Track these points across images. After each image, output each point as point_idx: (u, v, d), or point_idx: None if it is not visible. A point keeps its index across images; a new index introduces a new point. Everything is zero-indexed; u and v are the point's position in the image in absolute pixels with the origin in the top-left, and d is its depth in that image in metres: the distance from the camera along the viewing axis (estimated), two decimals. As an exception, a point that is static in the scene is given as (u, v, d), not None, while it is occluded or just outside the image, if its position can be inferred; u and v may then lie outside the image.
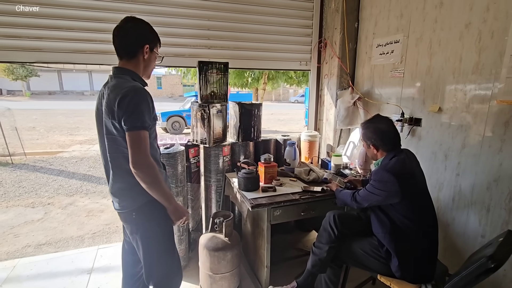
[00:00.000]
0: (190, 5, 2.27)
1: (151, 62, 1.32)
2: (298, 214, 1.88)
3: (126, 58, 1.24)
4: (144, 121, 1.12)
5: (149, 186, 1.16)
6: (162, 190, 1.19)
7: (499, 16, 1.50)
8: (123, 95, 1.10)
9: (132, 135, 1.11)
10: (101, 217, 3.56)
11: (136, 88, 1.14)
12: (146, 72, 1.32)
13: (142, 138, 1.12)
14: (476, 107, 1.64)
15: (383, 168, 1.42)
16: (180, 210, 1.28)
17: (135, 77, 1.24)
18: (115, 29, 1.22)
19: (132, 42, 1.22)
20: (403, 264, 1.39)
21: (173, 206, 1.25)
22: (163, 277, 1.33)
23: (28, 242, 2.93)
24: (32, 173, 5.30)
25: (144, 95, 1.14)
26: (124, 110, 1.10)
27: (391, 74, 2.19)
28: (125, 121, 1.10)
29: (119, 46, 1.23)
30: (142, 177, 1.14)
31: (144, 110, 1.13)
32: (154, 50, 1.30)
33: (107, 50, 2.12)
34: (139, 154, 1.11)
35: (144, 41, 1.24)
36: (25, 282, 2.09)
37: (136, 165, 1.12)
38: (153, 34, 1.29)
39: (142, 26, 1.26)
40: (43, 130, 9.68)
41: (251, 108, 2.32)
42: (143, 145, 1.12)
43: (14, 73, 19.78)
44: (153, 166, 1.15)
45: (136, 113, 1.10)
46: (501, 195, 1.56)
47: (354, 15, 2.48)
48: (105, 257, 2.40)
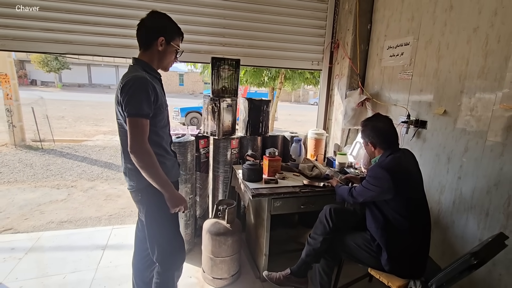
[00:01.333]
0: (208, 4, 2.40)
1: (167, 55, 1.35)
2: (298, 206, 1.96)
3: (143, 49, 1.32)
4: (140, 109, 1.17)
5: (143, 171, 1.21)
6: (155, 176, 1.23)
7: (506, 21, 1.50)
8: (125, 83, 1.18)
9: (130, 121, 1.17)
10: (118, 201, 3.80)
11: (138, 77, 1.19)
12: (161, 64, 1.36)
13: (138, 125, 1.17)
14: (480, 111, 1.64)
15: (378, 165, 1.47)
16: (176, 199, 1.30)
17: (146, 67, 1.29)
18: (139, 22, 1.32)
19: (146, 33, 1.30)
20: (392, 258, 1.44)
21: (169, 194, 1.28)
22: (165, 255, 1.40)
23: (52, 219, 3.20)
24: (59, 158, 5.70)
25: (145, 84, 1.18)
26: (124, 97, 1.17)
27: (400, 76, 2.21)
28: (124, 107, 1.18)
29: (137, 37, 1.32)
30: (136, 161, 1.20)
31: (142, 98, 1.17)
32: (172, 43, 1.34)
33: (129, 45, 2.30)
34: (133, 140, 1.17)
35: (158, 33, 1.29)
36: (47, 252, 2.32)
37: (131, 150, 1.18)
38: (171, 28, 1.33)
39: (159, 19, 1.31)
40: (71, 120, 10.29)
41: (260, 104, 2.42)
42: (139, 131, 1.17)
43: (48, 65, 21.06)
44: (147, 152, 1.19)
45: (134, 101, 1.16)
46: (501, 199, 1.56)
47: (367, 17, 2.51)
48: (119, 236, 2.59)
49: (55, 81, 25.29)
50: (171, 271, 1.44)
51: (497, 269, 1.59)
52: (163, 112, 1.33)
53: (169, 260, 1.43)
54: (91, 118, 10.84)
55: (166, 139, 1.40)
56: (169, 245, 1.42)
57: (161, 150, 1.35)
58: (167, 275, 1.43)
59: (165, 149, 1.38)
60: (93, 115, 11.57)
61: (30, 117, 6.94)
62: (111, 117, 11.20)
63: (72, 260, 2.20)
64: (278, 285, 1.77)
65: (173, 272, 1.45)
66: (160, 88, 1.32)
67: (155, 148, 1.27)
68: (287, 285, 1.75)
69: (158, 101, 1.25)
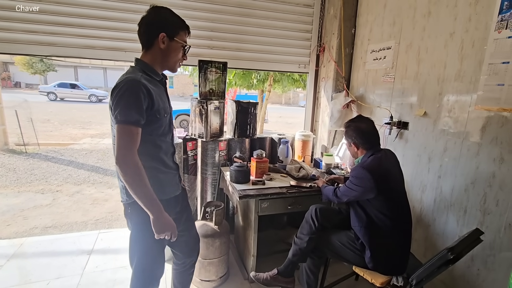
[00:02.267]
0: (195, 7, 2.41)
1: (171, 52, 1.21)
2: (285, 207, 1.98)
3: (144, 49, 1.20)
4: (129, 115, 1.04)
5: (127, 185, 1.07)
6: (140, 194, 1.07)
7: (479, 27, 1.58)
8: (115, 86, 1.07)
9: (117, 128, 1.05)
10: (105, 205, 3.74)
11: (129, 79, 1.07)
12: (166, 63, 1.23)
13: (126, 132, 1.05)
14: (457, 112, 1.72)
15: (361, 165, 1.51)
16: (162, 224, 1.13)
17: (146, 68, 1.18)
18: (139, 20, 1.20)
19: (145, 31, 1.17)
20: (375, 256, 1.48)
21: (154, 217, 1.11)
22: (138, 279, 1.28)
23: (36, 224, 3.12)
24: (44, 162, 5.56)
25: (136, 88, 1.06)
26: (113, 102, 1.06)
27: (383, 79, 2.28)
28: (113, 113, 1.07)
29: (138, 36, 1.19)
30: (120, 174, 1.06)
31: (131, 104, 1.04)
32: (176, 39, 1.20)
33: (115, 47, 2.29)
34: (119, 149, 1.05)
35: (159, 29, 1.16)
36: (30, 258, 2.26)
37: (116, 160, 1.05)
38: (173, 21, 1.20)
39: (158, 14, 1.18)
40: (57, 123, 10.05)
41: (247, 106, 2.44)
42: (126, 140, 1.04)
43: (33, 67, 20.53)
44: (133, 165, 1.05)
45: (121, 107, 1.04)
46: (477, 197, 1.63)
47: (351, 21, 2.58)
48: (105, 240, 2.55)
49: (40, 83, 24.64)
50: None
51: (475, 264, 1.66)
52: (162, 119, 1.18)
53: (140, 276, 1.29)
54: (77, 121, 10.62)
55: (165, 149, 1.25)
56: (144, 273, 1.28)
57: (157, 162, 1.21)
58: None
59: (162, 161, 1.24)
60: (80, 118, 11.33)
61: (14, 120, 6.75)
62: (99, 120, 11.01)
63: (56, 266, 2.16)
64: (265, 285, 1.79)
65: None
66: (160, 92, 1.20)
67: (149, 160, 1.15)
68: (274, 285, 1.77)
69: (154, 107, 1.12)
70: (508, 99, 1.44)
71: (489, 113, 1.54)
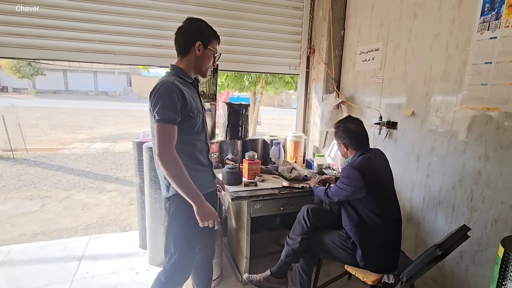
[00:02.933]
0: (185, 10, 2.41)
1: (205, 59, 1.35)
2: (278, 208, 1.99)
3: (180, 56, 1.33)
4: (165, 114, 1.16)
5: (169, 179, 1.19)
6: (182, 186, 1.19)
7: (462, 28, 1.62)
8: (153, 89, 1.21)
9: (156, 126, 1.18)
10: (96, 210, 3.68)
11: (164, 82, 1.20)
12: (199, 69, 1.36)
13: (162, 130, 1.16)
14: (444, 112, 1.76)
15: (350, 165, 1.53)
16: (205, 212, 1.23)
17: (179, 72, 1.30)
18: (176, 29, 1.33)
19: (184, 39, 1.30)
20: (366, 255, 1.49)
21: (196, 206, 1.22)
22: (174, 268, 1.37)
23: (24, 231, 3.05)
24: (32, 168, 5.44)
25: (170, 89, 1.18)
26: (151, 103, 1.20)
27: (372, 80, 2.31)
28: (152, 113, 1.20)
29: (175, 44, 1.33)
30: (162, 168, 1.17)
31: (166, 104, 1.16)
32: (209, 47, 1.34)
33: (104, 50, 2.27)
34: (158, 146, 1.17)
35: (196, 37, 1.29)
36: (18, 266, 2.20)
37: (157, 156, 1.17)
38: (207, 32, 1.34)
39: (195, 24, 1.32)
40: (45, 128, 9.87)
41: (239, 108, 2.45)
42: (163, 137, 1.16)
43: (20, 71, 20.10)
44: (171, 160, 1.16)
45: (159, 107, 1.16)
46: (464, 194, 1.67)
47: (340, 23, 2.62)
48: (96, 246, 2.51)
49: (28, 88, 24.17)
50: (172, 284, 1.40)
51: (464, 260, 1.69)
52: (195, 118, 1.29)
53: (175, 273, 1.39)
54: (67, 126, 10.44)
55: (200, 147, 1.35)
56: (181, 260, 1.36)
57: (192, 160, 1.31)
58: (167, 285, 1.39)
59: (197, 159, 1.34)
60: (69, 123, 11.14)
61: (0, 126, 6.60)
62: (89, 124, 10.85)
63: (45, 273, 2.11)
64: (259, 287, 1.78)
65: (173, 285, 1.41)
66: (192, 93, 1.32)
67: (184, 158, 1.23)
68: (267, 286, 1.77)
69: (187, 106, 1.23)
70: (492, 98, 1.49)
71: (474, 112, 1.59)
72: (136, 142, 2.29)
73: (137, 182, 2.36)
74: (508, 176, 1.45)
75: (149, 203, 2.16)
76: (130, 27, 2.30)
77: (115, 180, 4.95)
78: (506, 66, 1.42)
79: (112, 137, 8.87)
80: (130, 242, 2.58)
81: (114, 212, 3.67)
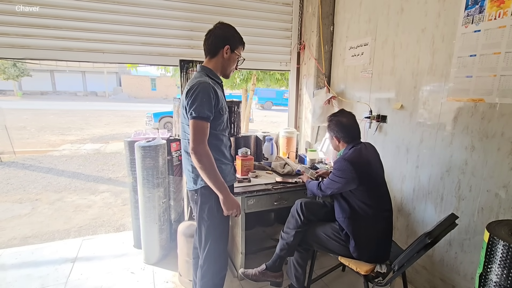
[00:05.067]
0: (175, 7, 2.39)
1: (231, 62, 1.46)
2: (271, 203, 2.00)
3: (209, 57, 1.43)
4: (201, 112, 1.26)
5: (201, 172, 1.29)
6: (212, 178, 1.29)
7: (448, 22, 1.66)
8: (190, 88, 1.29)
9: (191, 123, 1.27)
10: (88, 212, 3.63)
11: (201, 82, 1.29)
12: (224, 70, 1.47)
13: (198, 127, 1.26)
14: (431, 105, 1.80)
15: (342, 157, 1.55)
16: (230, 202, 1.35)
17: (210, 73, 1.40)
18: (207, 32, 1.43)
19: (214, 42, 1.40)
20: (359, 245, 1.53)
21: (223, 196, 1.33)
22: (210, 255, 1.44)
23: (14, 235, 3.00)
24: (21, 171, 5.33)
25: (207, 89, 1.28)
26: (188, 101, 1.28)
27: (361, 75, 2.35)
28: (188, 110, 1.28)
29: (205, 45, 1.43)
30: (194, 162, 1.28)
31: (203, 102, 1.26)
32: (235, 52, 1.45)
33: (92, 48, 2.23)
34: (193, 141, 1.26)
35: (225, 41, 1.40)
36: (9, 270, 2.17)
37: (192, 150, 1.26)
38: (235, 37, 1.44)
39: (225, 29, 1.43)
40: (33, 130, 9.65)
41: (230, 105, 2.44)
42: (198, 133, 1.26)
43: (5, 72, 19.51)
44: (205, 154, 1.27)
45: (196, 104, 1.25)
46: (452, 184, 1.71)
47: (330, 19, 2.64)
48: (90, 247, 2.48)
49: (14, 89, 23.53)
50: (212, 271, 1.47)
51: (453, 248, 1.74)
52: (223, 115, 1.40)
53: (210, 267, 1.46)
54: (56, 127, 10.23)
55: (225, 142, 1.46)
56: (217, 245, 1.46)
57: (219, 154, 1.41)
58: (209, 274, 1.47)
59: (223, 153, 1.44)
60: (58, 124, 10.91)
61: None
62: (79, 125, 10.66)
63: (38, 276, 2.08)
64: (254, 281, 1.80)
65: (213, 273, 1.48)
66: (221, 92, 1.42)
67: (213, 152, 1.32)
68: (263, 280, 1.79)
69: (219, 105, 1.34)
70: (477, 90, 1.53)
71: (460, 104, 1.63)
72: (127, 141, 2.27)
73: (129, 181, 2.34)
74: (493, 165, 1.50)
75: (142, 202, 2.15)
76: (119, 25, 2.27)
77: (107, 181, 4.89)
78: (489, 58, 1.47)
79: (103, 137, 8.73)
80: (124, 242, 2.56)
81: (107, 213, 3.63)
